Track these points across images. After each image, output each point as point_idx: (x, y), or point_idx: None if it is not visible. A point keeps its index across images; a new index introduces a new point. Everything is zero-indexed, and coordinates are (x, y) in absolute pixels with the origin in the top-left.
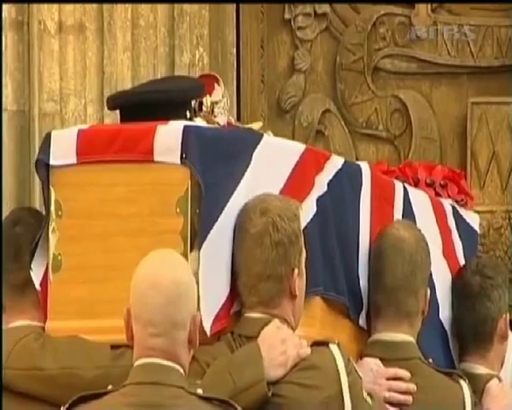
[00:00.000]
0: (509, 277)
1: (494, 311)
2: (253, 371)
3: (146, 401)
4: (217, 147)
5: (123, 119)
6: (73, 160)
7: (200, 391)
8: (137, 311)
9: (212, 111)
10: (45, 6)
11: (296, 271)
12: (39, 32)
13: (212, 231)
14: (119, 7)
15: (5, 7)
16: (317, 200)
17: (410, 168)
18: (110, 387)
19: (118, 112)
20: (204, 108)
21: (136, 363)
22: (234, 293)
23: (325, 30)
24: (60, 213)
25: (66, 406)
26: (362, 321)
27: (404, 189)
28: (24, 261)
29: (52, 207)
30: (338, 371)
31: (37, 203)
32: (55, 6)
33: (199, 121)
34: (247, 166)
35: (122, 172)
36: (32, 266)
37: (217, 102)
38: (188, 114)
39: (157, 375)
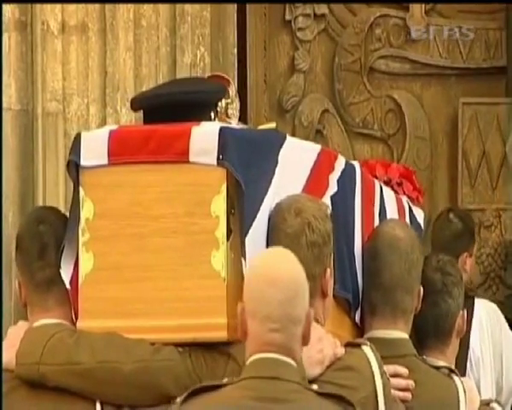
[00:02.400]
0: (499, 274)
1: (454, 307)
2: None
3: (265, 396)
4: (250, 148)
5: (148, 120)
6: (104, 161)
7: (315, 387)
8: (255, 307)
9: (226, 112)
10: (48, 6)
11: (328, 271)
12: (42, 32)
13: (250, 231)
14: (122, 7)
15: (9, 7)
16: (331, 199)
17: (368, 166)
18: (226, 380)
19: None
20: (218, 109)
21: (253, 358)
22: None
23: (323, 31)
24: (91, 213)
25: (184, 396)
26: (357, 318)
27: (380, 187)
28: (49, 259)
29: (82, 208)
30: (372, 372)
31: (40, 201)
32: (58, 6)
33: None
34: (276, 167)
35: (156, 173)
36: (61, 264)
37: (229, 103)
38: (212, 116)
39: (276, 370)
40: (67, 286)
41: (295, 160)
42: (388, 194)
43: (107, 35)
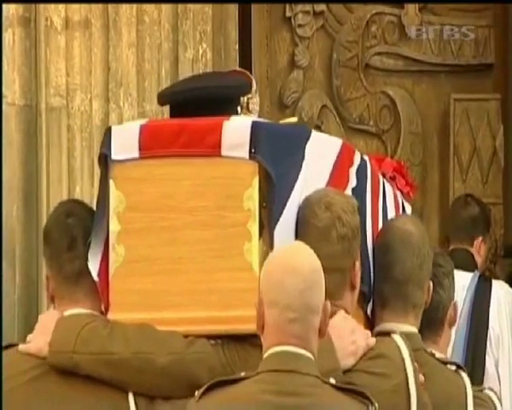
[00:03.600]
0: (489, 267)
1: (446, 298)
2: (328, 361)
3: (284, 389)
4: (280, 141)
5: (175, 114)
6: (136, 154)
7: (332, 381)
8: (274, 297)
9: (248, 106)
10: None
11: (357, 263)
12: (46, 28)
13: (278, 224)
14: (124, 4)
15: (12, 4)
16: (352, 192)
17: None
18: (243, 374)
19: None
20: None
21: (271, 351)
22: None
23: (321, 28)
24: (121, 206)
25: (202, 390)
26: (369, 310)
27: (383, 181)
28: (78, 252)
29: (113, 201)
30: (403, 359)
31: (44, 195)
32: None
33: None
34: (303, 161)
35: (188, 167)
36: (88, 256)
37: (250, 98)
38: (238, 110)
39: (294, 363)
40: (95, 278)
41: (320, 154)
42: (388, 188)
43: (109, 31)
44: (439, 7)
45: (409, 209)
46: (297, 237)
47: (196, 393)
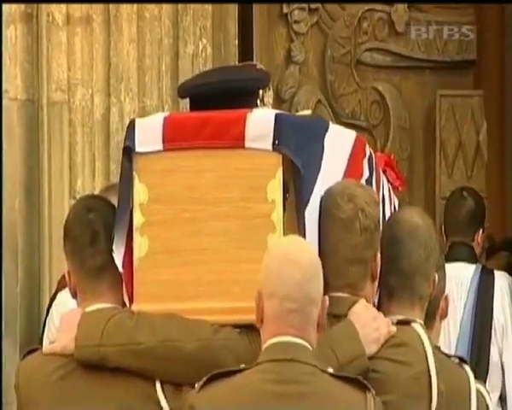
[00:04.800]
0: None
1: (437, 291)
2: (353, 346)
3: (284, 378)
4: (302, 133)
5: (196, 107)
6: (159, 147)
7: (330, 370)
8: (273, 288)
9: (263, 100)
10: None
11: (378, 255)
12: (48, 24)
13: (305, 215)
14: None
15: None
16: (365, 183)
17: None
18: (242, 365)
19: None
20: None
21: (271, 341)
22: None
23: (316, 24)
24: (145, 198)
25: (202, 382)
26: (376, 301)
27: (382, 175)
28: (100, 247)
29: (136, 193)
30: (424, 347)
31: (46, 188)
32: None
33: None
34: (323, 152)
35: (212, 159)
36: (113, 248)
37: (266, 91)
38: (258, 103)
39: (293, 352)
40: (120, 269)
41: (337, 145)
42: (385, 181)
43: (110, 27)
44: (425, 4)
45: (396, 202)
46: (320, 228)
47: (196, 385)
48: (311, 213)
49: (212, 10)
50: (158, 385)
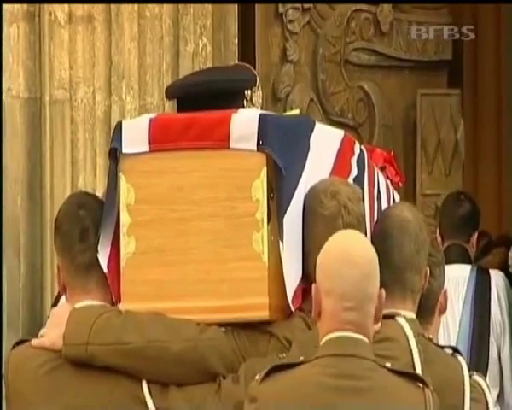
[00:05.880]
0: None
1: (436, 286)
2: None
3: (343, 372)
4: (286, 133)
5: (183, 108)
6: (146, 148)
7: (388, 365)
8: (330, 286)
9: (251, 100)
10: None
11: None
12: (50, 22)
13: (286, 214)
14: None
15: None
16: (353, 181)
17: None
18: (302, 358)
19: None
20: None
21: (329, 336)
22: (304, 272)
23: (308, 24)
24: (132, 198)
25: (262, 374)
26: None
27: (377, 171)
28: (89, 243)
29: (123, 194)
30: (409, 341)
31: (48, 185)
32: None
33: None
34: (308, 151)
35: (198, 159)
36: (98, 248)
37: (254, 92)
38: (244, 103)
39: (352, 348)
40: (105, 270)
41: (323, 144)
42: (381, 177)
43: (112, 25)
44: (405, 4)
45: (397, 197)
46: (303, 225)
47: (257, 376)
48: (295, 212)
49: (212, 9)
50: (144, 385)
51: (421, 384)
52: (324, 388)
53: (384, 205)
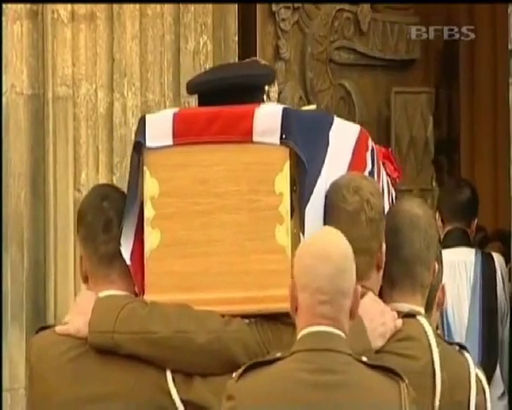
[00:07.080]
0: None
1: (436, 282)
2: (360, 342)
3: (319, 367)
4: (308, 128)
5: (204, 102)
6: (170, 141)
7: (365, 359)
8: (306, 280)
9: (268, 94)
10: None
11: (383, 245)
12: (53, 20)
13: (307, 208)
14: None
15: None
16: (368, 176)
17: None
18: (279, 354)
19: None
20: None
21: (305, 331)
22: None
23: (296, 23)
24: (156, 191)
25: (240, 372)
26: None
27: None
28: (113, 234)
29: (147, 187)
30: (429, 341)
31: (51, 181)
32: None
33: None
34: (328, 146)
35: (221, 153)
36: (121, 241)
37: (271, 87)
38: (264, 98)
39: (328, 342)
40: (128, 262)
41: (341, 139)
42: (384, 174)
43: (114, 23)
44: (380, 4)
45: (394, 193)
46: (326, 220)
47: (234, 374)
48: (316, 206)
49: (213, 8)
50: (169, 374)
51: (396, 377)
52: (301, 383)
53: (385, 200)
